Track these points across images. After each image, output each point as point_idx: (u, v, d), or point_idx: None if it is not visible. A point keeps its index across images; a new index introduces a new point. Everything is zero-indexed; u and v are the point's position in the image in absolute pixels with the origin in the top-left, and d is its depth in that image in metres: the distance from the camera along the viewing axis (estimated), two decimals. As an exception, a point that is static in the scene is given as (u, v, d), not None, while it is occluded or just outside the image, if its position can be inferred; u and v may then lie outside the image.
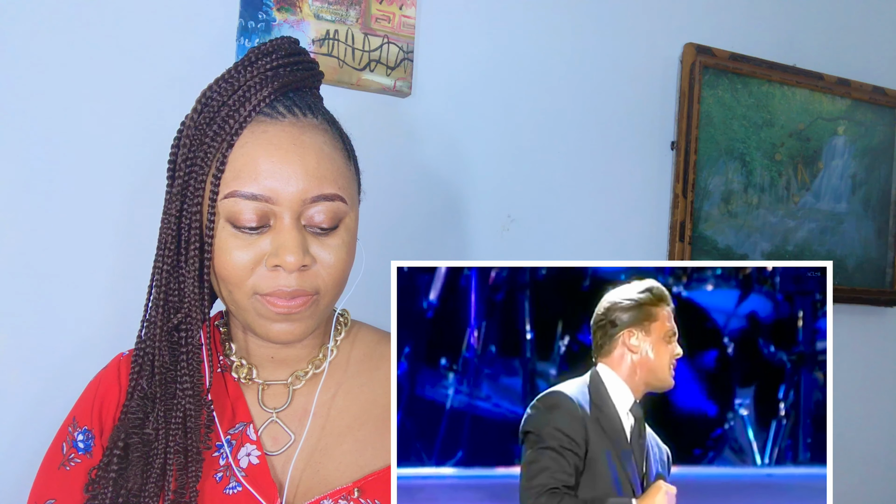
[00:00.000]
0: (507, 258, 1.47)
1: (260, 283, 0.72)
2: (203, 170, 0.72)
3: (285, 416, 0.80)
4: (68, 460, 0.78)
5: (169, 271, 0.75)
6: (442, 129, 1.40)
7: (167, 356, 0.75)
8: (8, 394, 1.10)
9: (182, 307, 0.75)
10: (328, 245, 0.74)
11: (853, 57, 1.85)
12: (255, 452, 0.77)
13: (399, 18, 1.33)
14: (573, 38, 1.53)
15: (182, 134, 0.74)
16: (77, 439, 0.79)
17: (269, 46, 0.75)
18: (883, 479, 1.90)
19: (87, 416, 0.80)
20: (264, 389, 0.81)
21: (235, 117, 0.72)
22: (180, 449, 0.73)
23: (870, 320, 1.88)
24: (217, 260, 0.73)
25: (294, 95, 0.76)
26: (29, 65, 1.10)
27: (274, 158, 0.71)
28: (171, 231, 0.74)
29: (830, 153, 1.79)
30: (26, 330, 1.10)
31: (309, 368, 0.82)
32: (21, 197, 1.10)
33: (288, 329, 0.75)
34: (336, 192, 0.73)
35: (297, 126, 0.73)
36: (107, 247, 1.15)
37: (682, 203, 1.59)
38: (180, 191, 0.73)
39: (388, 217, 1.33)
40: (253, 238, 0.72)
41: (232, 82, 0.73)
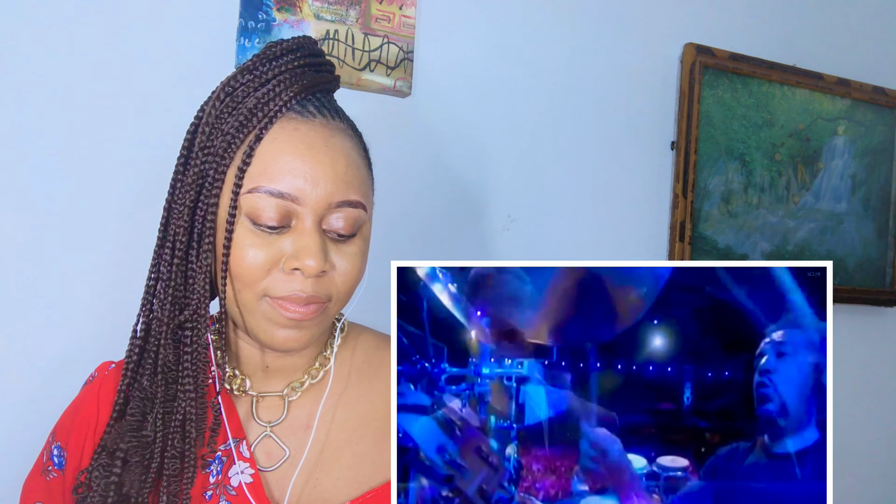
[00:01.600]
0: (507, 258, 1.47)
1: (274, 286, 0.69)
2: (224, 160, 0.69)
3: (280, 430, 0.76)
4: (47, 470, 0.78)
5: (177, 264, 0.71)
6: (442, 129, 1.40)
7: (171, 354, 0.71)
8: (7, 392, 1.10)
9: (190, 303, 0.71)
10: (345, 252, 0.72)
11: (853, 57, 1.85)
12: (248, 470, 0.73)
13: (399, 18, 1.33)
14: (573, 38, 1.53)
15: (200, 121, 0.72)
16: (53, 453, 0.78)
17: (291, 44, 0.73)
18: (883, 479, 1.90)
19: (62, 434, 0.78)
20: (258, 402, 0.77)
21: (265, 110, 0.69)
22: (177, 454, 0.69)
23: (870, 320, 1.88)
24: (232, 256, 0.69)
25: (322, 97, 0.74)
26: (29, 65, 1.10)
27: (305, 157, 0.68)
28: (181, 222, 0.70)
29: (830, 153, 1.79)
30: (22, 330, 1.10)
31: (305, 379, 0.78)
32: (21, 197, 1.10)
33: (294, 336, 0.71)
34: (359, 199, 0.72)
35: (327, 128, 0.71)
36: (106, 246, 1.15)
37: (682, 203, 1.59)
38: (196, 180, 0.70)
39: (388, 217, 1.33)
40: (271, 238, 0.69)
41: (258, 75, 0.70)
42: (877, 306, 1.87)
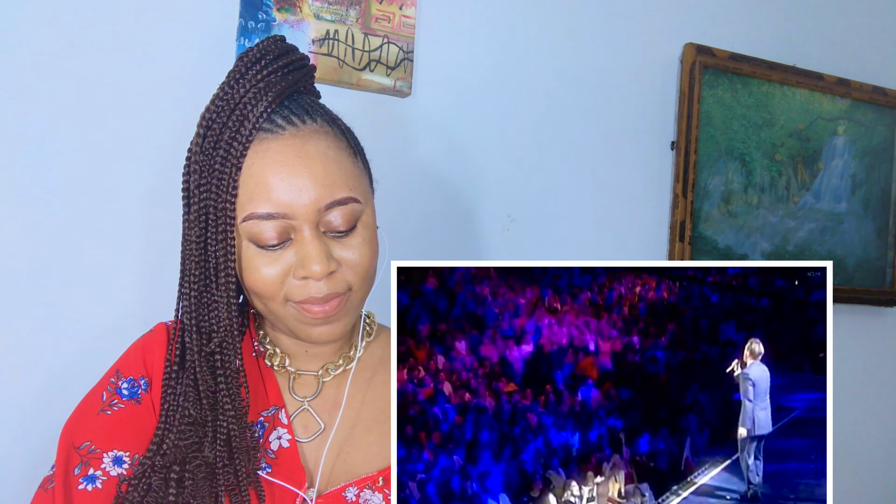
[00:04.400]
0: (507, 258, 1.47)
1: (292, 293, 0.74)
2: (220, 196, 0.72)
3: (315, 406, 0.83)
4: (109, 405, 0.79)
5: (197, 297, 0.75)
6: (442, 129, 1.40)
7: (210, 380, 0.75)
8: (12, 395, 1.10)
9: (217, 332, 0.75)
10: (350, 245, 0.75)
11: (853, 57, 1.85)
12: (286, 436, 0.80)
13: (399, 18, 1.33)
14: (573, 38, 1.53)
15: (190, 161, 0.75)
16: (121, 387, 0.80)
17: (256, 52, 0.75)
18: (883, 479, 1.90)
19: (133, 368, 0.81)
20: (295, 378, 0.84)
21: (238, 139, 0.72)
22: (230, 471, 0.74)
23: (870, 320, 1.88)
24: (247, 278, 0.75)
25: (290, 103, 0.75)
26: (29, 64, 1.10)
27: (281, 174, 0.72)
28: (193, 257, 0.74)
29: (830, 153, 1.79)
30: (36, 331, 1.10)
31: (341, 363, 0.85)
32: (20, 198, 1.10)
33: (328, 330, 0.77)
34: (347, 194, 0.74)
35: (298, 136, 0.73)
36: (108, 244, 1.15)
37: (682, 203, 1.59)
38: (198, 217, 0.73)
39: (388, 217, 1.33)
40: (277, 253, 0.73)
41: (227, 100, 0.73)
42: (877, 306, 1.87)
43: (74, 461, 0.76)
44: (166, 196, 1.02)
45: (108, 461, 0.76)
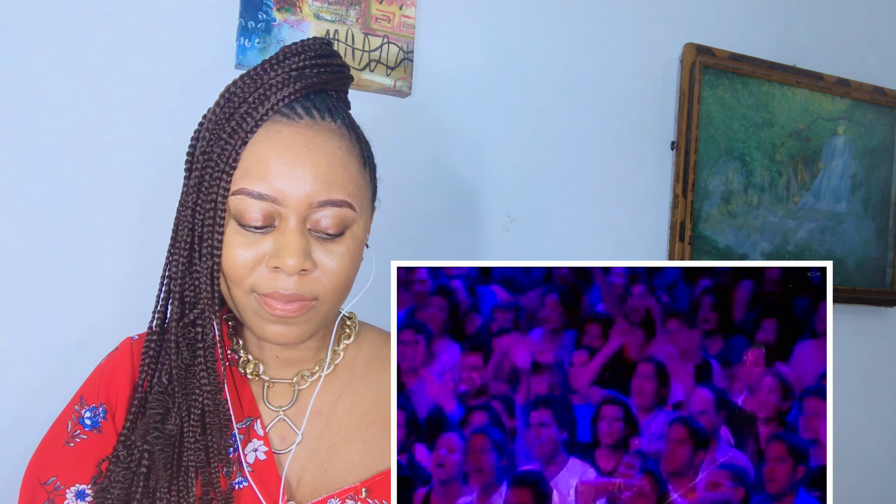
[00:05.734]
0: (507, 258, 1.47)
1: (259, 283, 0.72)
2: (218, 165, 0.71)
3: (291, 415, 0.80)
4: (72, 437, 0.78)
5: (185, 265, 0.74)
6: (442, 129, 1.40)
7: (185, 352, 0.74)
8: (8, 391, 1.10)
9: (198, 303, 0.74)
10: (332, 251, 0.73)
11: (853, 57, 1.85)
12: (262, 448, 0.77)
13: (399, 18, 1.33)
14: (573, 38, 1.53)
15: (202, 127, 0.74)
16: (84, 416, 0.78)
17: (298, 46, 0.75)
18: (883, 479, 1.90)
19: (94, 394, 0.79)
20: (270, 387, 0.81)
21: (253, 115, 0.71)
22: (201, 446, 0.72)
23: (870, 320, 1.88)
24: (222, 256, 0.72)
25: (316, 97, 0.75)
26: (29, 64, 1.10)
27: (284, 159, 0.70)
28: (186, 224, 0.73)
29: (830, 153, 1.79)
30: (29, 326, 1.10)
31: (316, 369, 0.82)
32: (21, 198, 1.10)
33: (284, 331, 0.74)
34: (344, 198, 0.72)
35: (312, 129, 0.72)
36: (108, 245, 1.15)
37: (682, 203, 1.59)
38: (196, 184, 0.73)
39: (388, 217, 1.33)
40: (257, 237, 0.72)
41: (256, 79, 0.73)
42: (877, 306, 1.87)
43: (41, 498, 0.75)
44: (160, 198, 1.02)
45: (70, 496, 0.74)
